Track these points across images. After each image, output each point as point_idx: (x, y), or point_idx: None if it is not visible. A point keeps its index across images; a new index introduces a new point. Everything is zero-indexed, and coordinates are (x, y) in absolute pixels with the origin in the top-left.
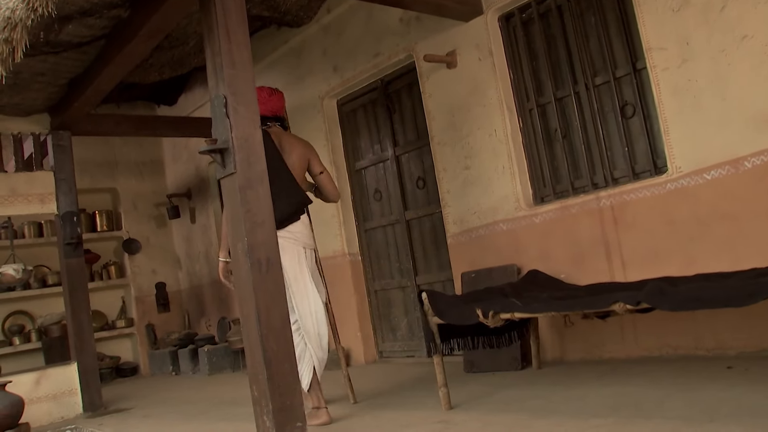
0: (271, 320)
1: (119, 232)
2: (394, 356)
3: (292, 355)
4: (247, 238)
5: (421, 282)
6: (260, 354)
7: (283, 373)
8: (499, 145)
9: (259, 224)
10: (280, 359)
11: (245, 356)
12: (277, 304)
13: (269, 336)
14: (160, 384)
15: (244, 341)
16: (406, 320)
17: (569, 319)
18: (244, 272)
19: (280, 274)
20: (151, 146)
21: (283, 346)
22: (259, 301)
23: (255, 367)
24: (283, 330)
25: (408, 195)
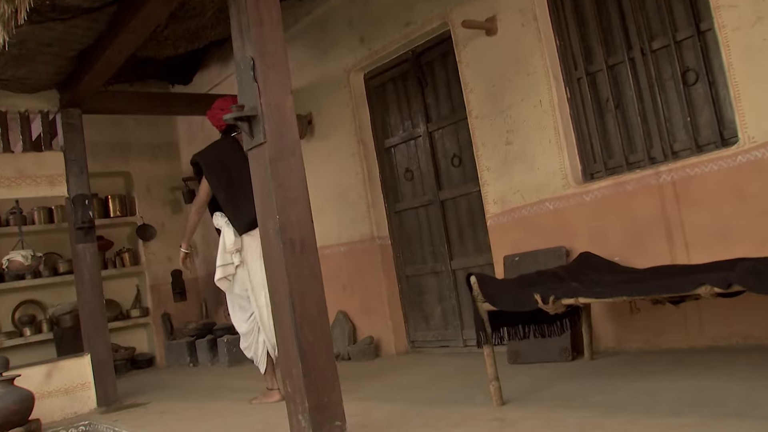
0: (307, 307)
1: (133, 217)
2: (426, 346)
3: (330, 347)
4: (279, 216)
5: (456, 267)
6: (294, 346)
7: (320, 366)
8: (544, 117)
9: (291, 201)
10: (317, 351)
11: (278, 349)
12: (312, 290)
13: (304, 325)
14: (178, 376)
15: (275, 330)
16: (440, 308)
17: (635, 305)
18: (276, 254)
19: (315, 255)
20: (166, 127)
21: (320, 337)
22: (293, 287)
23: (288, 360)
24: (320, 319)
25: (442, 173)
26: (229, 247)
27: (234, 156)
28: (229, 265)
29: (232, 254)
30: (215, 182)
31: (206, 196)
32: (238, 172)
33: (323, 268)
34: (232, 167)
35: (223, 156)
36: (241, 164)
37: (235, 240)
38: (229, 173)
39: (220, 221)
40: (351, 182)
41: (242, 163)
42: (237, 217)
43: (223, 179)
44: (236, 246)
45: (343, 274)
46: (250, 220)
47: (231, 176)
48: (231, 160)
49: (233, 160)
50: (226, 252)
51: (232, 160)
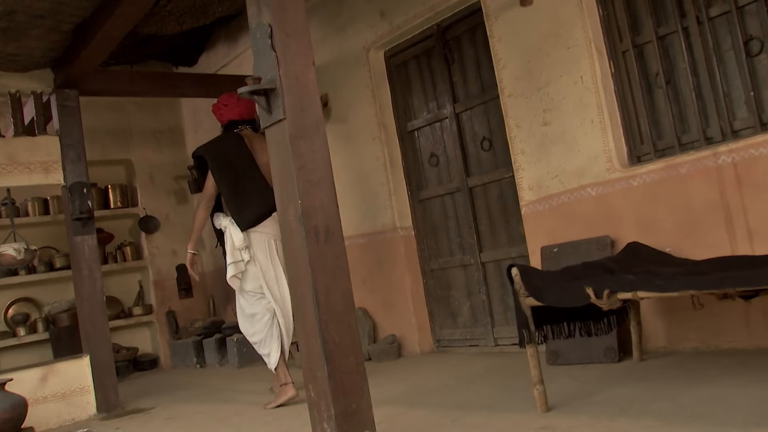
0: (332, 303)
1: (135, 208)
2: (453, 345)
3: (358, 347)
4: (301, 200)
5: (486, 259)
6: (319, 345)
7: (347, 368)
8: (586, 94)
9: (315, 184)
10: (344, 351)
11: (299, 348)
12: (338, 283)
13: (330, 323)
14: (184, 378)
15: (297, 328)
16: (469, 304)
17: (698, 300)
18: (297, 244)
19: (341, 245)
20: (170, 112)
21: (346, 336)
22: (316, 280)
23: (312, 362)
24: (347, 315)
25: (471, 158)
26: (238, 244)
27: (239, 151)
28: (239, 262)
29: (241, 251)
30: (219, 177)
31: (213, 191)
32: (243, 167)
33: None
34: (236, 163)
35: (227, 151)
36: (245, 160)
37: (243, 237)
38: (233, 169)
39: (222, 221)
40: (371, 169)
41: (246, 159)
42: (241, 214)
43: (228, 174)
44: (245, 243)
45: (363, 267)
46: (255, 217)
47: (236, 172)
48: (236, 156)
49: (238, 156)
50: (236, 249)
51: (237, 155)
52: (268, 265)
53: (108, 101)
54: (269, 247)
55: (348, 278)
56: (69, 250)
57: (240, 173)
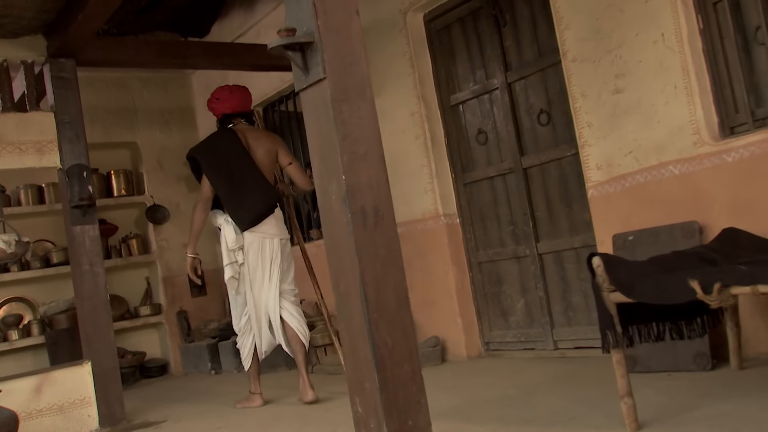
0: (383, 299)
1: (141, 197)
2: (505, 348)
3: (414, 352)
4: (346, 177)
5: (544, 250)
6: (367, 350)
7: (402, 378)
8: (668, 55)
9: (361, 157)
10: (398, 358)
11: (344, 354)
12: (390, 276)
13: (381, 323)
14: (198, 386)
15: (340, 330)
16: (523, 301)
17: None
18: (341, 229)
19: (393, 230)
20: (179, 89)
21: (401, 339)
22: (364, 272)
23: (359, 370)
24: (401, 314)
25: (525, 134)
26: (231, 245)
27: (233, 148)
28: (235, 263)
29: (235, 252)
30: (215, 177)
31: (209, 192)
32: (239, 165)
33: None
34: (231, 161)
35: (221, 149)
36: (241, 157)
37: (236, 237)
38: (229, 167)
39: (219, 219)
40: (409, 148)
41: (242, 156)
42: (239, 214)
43: (223, 174)
44: (238, 243)
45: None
46: (254, 217)
47: (231, 170)
48: (230, 153)
49: (232, 153)
50: (230, 250)
51: (231, 152)
52: (257, 269)
53: (110, 77)
54: (262, 248)
55: (402, 270)
56: (67, 242)
57: (235, 171)
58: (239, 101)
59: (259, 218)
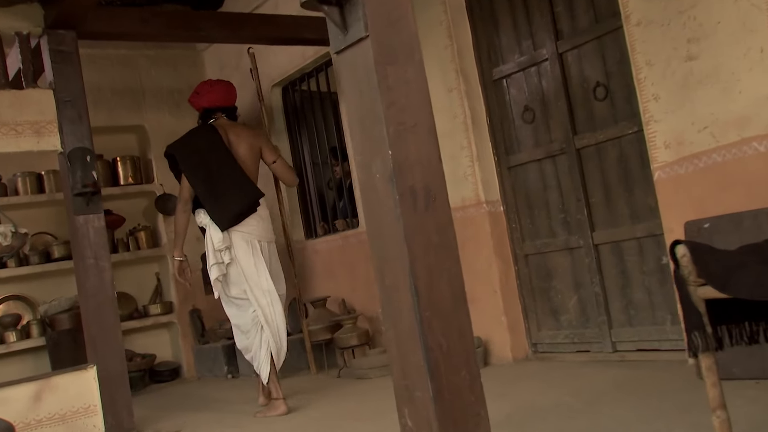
0: (437, 294)
1: (150, 185)
2: (556, 351)
3: (472, 356)
4: (392, 152)
5: (601, 240)
6: (419, 354)
7: (458, 386)
8: (753, 14)
9: (410, 129)
10: (454, 363)
11: (389, 357)
12: (445, 267)
13: (434, 322)
14: (213, 392)
15: (385, 331)
16: (576, 298)
17: None
18: (387, 212)
19: (447, 213)
20: (190, 68)
21: (457, 341)
22: (415, 262)
23: (408, 377)
24: (457, 312)
25: (579, 111)
26: (217, 245)
27: (212, 145)
28: (221, 263)
29: (221, 252)
30: (192, 175)
31: (189, 192)
32: (217, 162)
33: None
34: (210, 158)
35: (199, 145)
36: (220, 153)
37: (223, 237)
38: (207, 165)
39: (203, 219)
40: (447, 128)
41: (220, 153)
42: (217, 213)
43: (201, 172)
44: (225, 243)
45: None
46: (232, 216)
47: (209, 168)
48: (208, 150)
49: (211, 150)
50: (216, 251)
51: (209, 149)
52: (251, 268)
53: (114, 54)
54: (253, 248)
55: (457, 259)
56: (69, 234)
57: (213, 169)
58: (219, 95)
59: (239, 217)
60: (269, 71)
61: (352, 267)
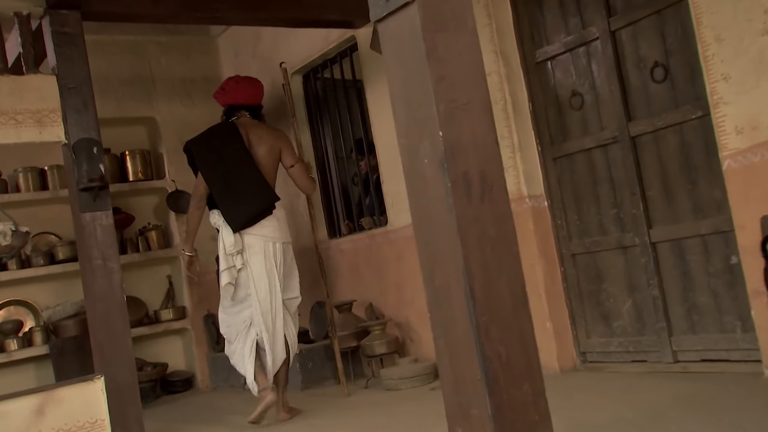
0: (495, 296)
1: (161, 181)
2: (608, 360)
3: (536, 367)
4: (443, 133)
5: (659, 238)
6: (475, 365)
7: (520, 402)
8: None
9: (463, 106)
10: (516, 375)
11: (439, 369)
12: (504, 265)
13: (492, 328)
14: (229, 404)
15: (435, 339)
16: (631, 302)
17: None
18: (437, 202)
19: (506, 204)
20: (203, 55)
21: (519, 350)
22: (470, 259)
23: (462, 391)
24: (519, 317)
25: (634, 95)
26: (228, 249)
27: (230, 144)
28: (232, 268)
29: (233, 257)
30: (208, 173)
31: (203, 188)
32: (235, 162)
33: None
34: (227, 156)
35: (217, 144)
36: (238, 154)
37: (234, 241)
38: (224, 164)
39: (217, 219)
40: None
41: (239, 153)
42: (231, 214)
43: (218, 171)
44: (236, 247)
45: None
46: (246, 218)
47: (226, 167)
48: (227, 148)
49: (229, 149)
50: (227, 255)
51: (228, 147)
52: (262, 274)
53: (122, 41)
54: (266, 251)
55: (517, 256)
56: (75, 233)
57: (231, 169)
58: (244, 93)
59: (252, 219)
60: (289, 57)
61: (380, 268)
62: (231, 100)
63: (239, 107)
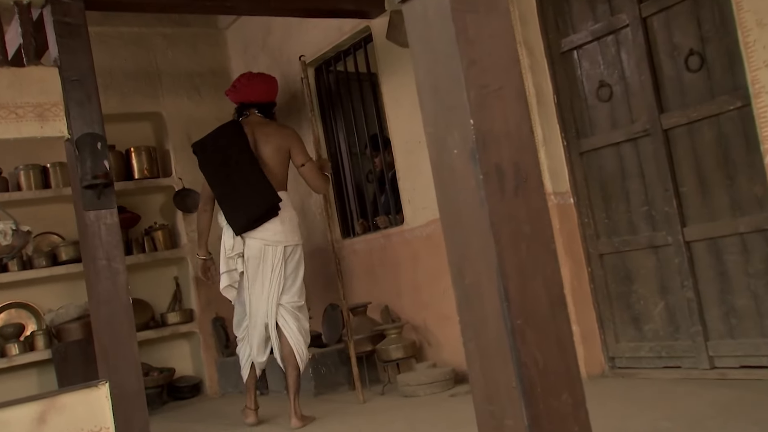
0: (531, 297)
1: (167, 179)
2: (638, 366)
3: (575, 374)
4: (474, 120)
5: (695, 236)
6: (510, 372)
7: (560, 414)
8: None
9: (495, 92)
10: (554, 383)
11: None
12: (540, 264)
13: (528, 332)
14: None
15: (465, 343)
16: (663, 304)
17: None
18: (468, 195)
19: (541, 199)
20: (211, 48)
21: (556, 356)
22: (503, 258)
23: (495, 401)
24: (556, 319)
25: (667, 85)
26: (228, 252)
27: (234, 145)
28: (233, 271)
29: (234, 259)
30: (210, 175)
31: (209, 191)
32: (238, 164)
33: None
34: (231, 159)
35: (221, 145)
36: (242, 155)
37: (234, 244)
38: (226, 166)
39: (222, 221)
40: None
41: (242, 154)
42: (233, 217)
43: (220, 173)
44: (237, 250)
45: None
46: (246, 221)
47: (229, 170)
48: (230, 150)
49: (233, 150)
50: (227, 257)
51: (231, 149)
52: (256, 278)
53: (127, 33)
54: (263, 256)
55: (555, 254)
56: (78, 233)
57: (233, 171)
58: (255, 91)
59: (254, 223)
60: (301, 50)
61: (396, 269)
62: (242, 98)
63: (250, 105)
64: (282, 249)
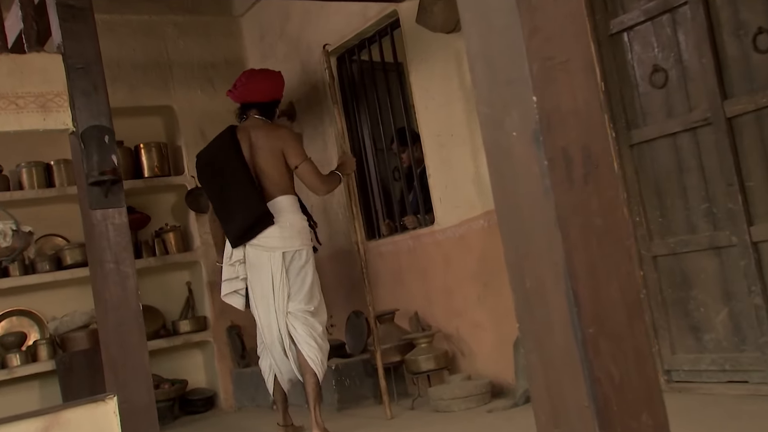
0: (605, 303)
1: (179, 177)
2: (698, 380)
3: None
4: (537, 97)
5: (763, 236)
6: (581, 388)
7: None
8: None
9: (561, 65)
10: (632, 403)
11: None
12: (615, 264)
13: (602, 343)
14: (256, 426)
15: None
16: (727, 312)
17: None
18: (530, 184)
19: (615, 188)
20: (225, 37)
21: (634, 370)
22: (572, 256)
23: (564, 421)
24: (633, 328)
25: (731, 68)
26: (229, 260)
27: (226, 155)
28: (234, 279)
29: (236, 267)
30: (206, 189)
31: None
32: (230, 175)
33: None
34: (223, 170)
35: (214, 156)
36: (232, 165)
37: (234, 251)
38: (219, 178)
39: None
40: None
41: (233, 164)
42: (228, 228)
43: (214, 186)
44: (237, 257)
45: None
46: (238, 232)
47: (221, 182)
48: (222, 161)
49: (224, 161)
50: (229, 264)
51: (223, 160)
52: (256, 287)
53: (136, 21)
54: (260, 264)
55: (631, 253)
56: (84, 233)
57: (225, 183)
58: (257, 90)
59: (246, 233)
60: (322, 38)
61: (425, 273)
62: (241, 98)
63: (251, 106)
64: (280, 255)
